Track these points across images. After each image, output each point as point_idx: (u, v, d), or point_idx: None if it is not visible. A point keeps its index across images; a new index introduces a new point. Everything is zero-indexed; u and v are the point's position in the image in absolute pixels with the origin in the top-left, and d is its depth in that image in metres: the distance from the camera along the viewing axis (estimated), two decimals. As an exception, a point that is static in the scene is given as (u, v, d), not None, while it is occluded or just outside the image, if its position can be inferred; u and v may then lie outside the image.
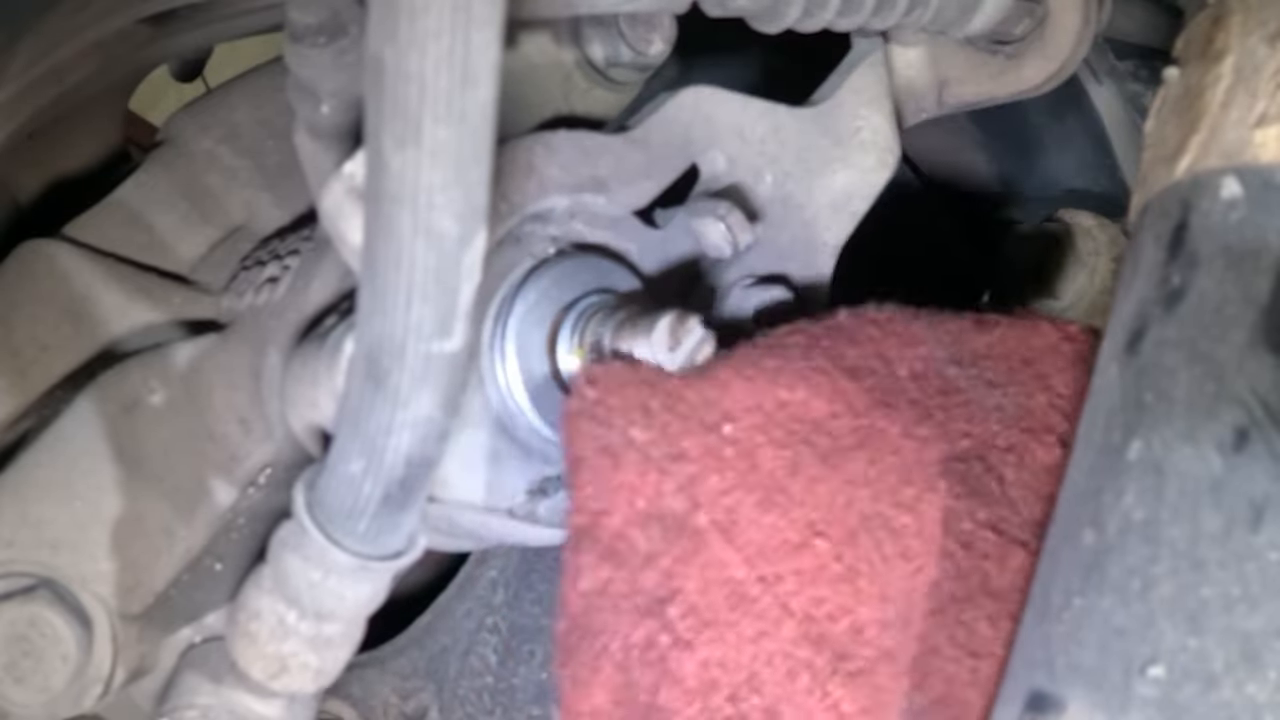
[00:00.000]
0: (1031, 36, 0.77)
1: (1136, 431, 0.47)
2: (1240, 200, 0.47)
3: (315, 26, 0.53)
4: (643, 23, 0.79)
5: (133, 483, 0.65)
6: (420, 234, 0.40)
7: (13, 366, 0.71)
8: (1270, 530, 0.42)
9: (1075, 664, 0.46)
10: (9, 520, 0.63)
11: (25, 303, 0.73)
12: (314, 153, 0.57)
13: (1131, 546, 0.45)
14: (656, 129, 0.67)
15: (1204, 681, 0.42)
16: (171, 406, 0.67)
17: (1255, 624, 0.42)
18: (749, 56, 1.03)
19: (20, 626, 0.61)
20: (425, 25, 0.37)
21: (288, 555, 0.52)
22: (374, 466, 0.46)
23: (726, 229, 0.66)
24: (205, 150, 0.78)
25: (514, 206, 0.60)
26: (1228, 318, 0.46)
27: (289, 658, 0.54)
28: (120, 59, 0.74)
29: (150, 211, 0.77)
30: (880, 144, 0.76)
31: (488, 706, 0.80)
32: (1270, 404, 0.43)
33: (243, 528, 0.67)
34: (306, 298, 0.64)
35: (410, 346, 0.43)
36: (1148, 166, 0.54)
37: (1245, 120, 0.48)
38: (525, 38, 0.78)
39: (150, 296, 0.74)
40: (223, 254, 0.77)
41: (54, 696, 0.62)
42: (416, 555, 0.53)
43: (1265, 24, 0.49)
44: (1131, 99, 0.95)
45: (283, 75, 0.56)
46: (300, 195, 0.77)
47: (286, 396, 0.62)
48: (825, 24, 0.68)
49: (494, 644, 0.81)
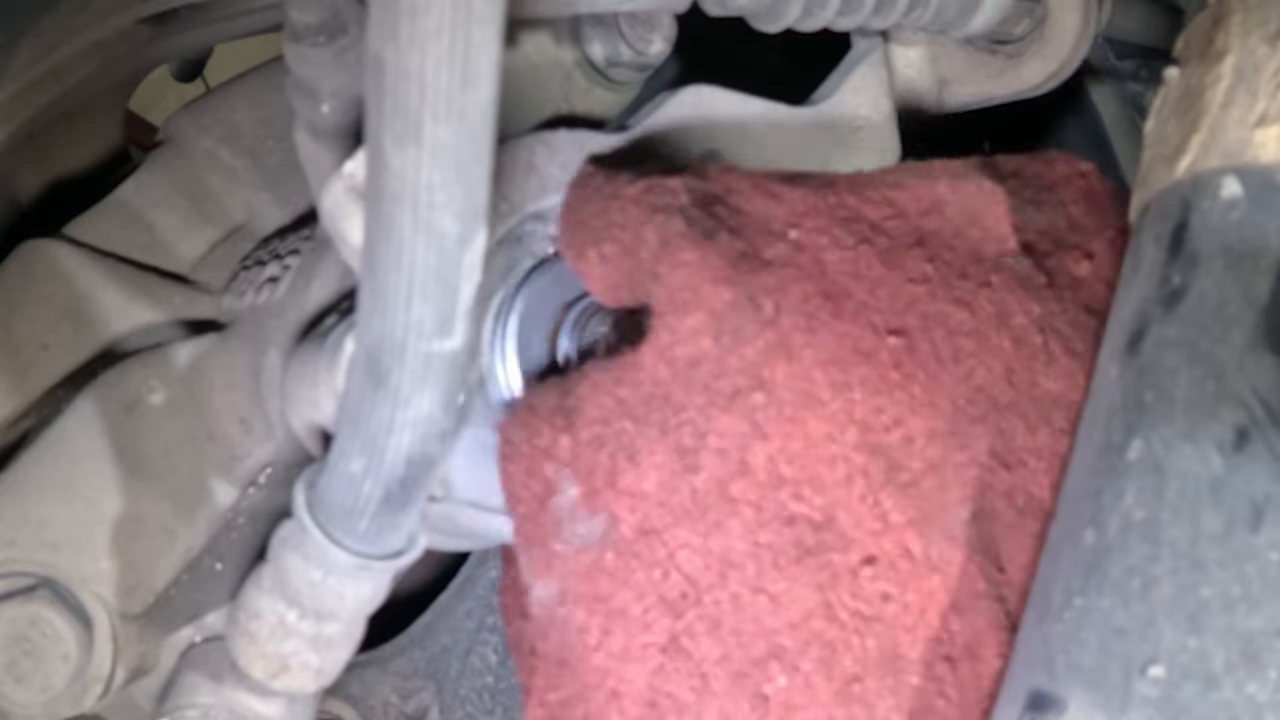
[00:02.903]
0: (1031, 36, 0.77)
1: (1137, 431, 0.47)
2: (1240, 200, 0.47)
3: (315, 26, 0.53)
4: (643, 22, 0.79)
5: (133, 482, 0.65)
6: (421, 233, 0.40)
7: (13, 366, 0.71)
8: (1270, 530, 0.42)
9: (1075, 664, 0.46)
10: (10, 520, 0.63)
11: (25, 302, 0.73)
12: (314, 152, 0.57)
13: (1132, 546, 0.45)
14: (656, 128, 0.67)
15: (1204, 681, 0.42)
16: (172, 406, 0.67)
17: (1255, 624, 0.42)
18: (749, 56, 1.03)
19: (21, 626, 0.61)
20: (426, 24, 0.37)
21: (288, 555, 0.52)
22: (374, 466, 0.46)
23: (727, 229, 0.66)
24: (205, 150, 0.78)
25: (514, 206, 0.60)
26: (1228, 318, 0.46)
27: (289, 657, 0.54)
28: (120, 59, 0.74)
29: (150, 211, 0.77)
30: (880, 143, 0.76)
31: (488, 706, 0.80)
32: (1270, 404, 0.43)
33: (243, 527, 0.67)
34: (307, 297, 0.64)
35: (411, 346, 0.43)
36: (1148, 166, 0.54)
37: (1246, 120, 0.48)
38: (525, 37, 0.78)
39: (150, 296, 0.74)
40: (223, 254, 0.77)
41: (54, 696, 0.62)
42: (417, 555, 0.53)
43: (1265, 24, 0.49)
44: (1131, 99, 0.95)
45: (283, 75, 0.56)
46: (300, 195, 0.77)
47: (287, 396, 0.62)
48: (825, 23, 0.68)
49: (494, 644, 0.81)
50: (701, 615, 0.52)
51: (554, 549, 0.53)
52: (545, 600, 0.54)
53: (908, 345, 0.56)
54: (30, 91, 0.71)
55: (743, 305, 0.53)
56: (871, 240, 0.58)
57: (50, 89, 0.72)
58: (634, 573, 0.52)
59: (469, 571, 0.82)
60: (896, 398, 0.55)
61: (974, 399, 0.57)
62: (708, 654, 0.51)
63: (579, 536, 0.53)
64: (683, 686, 0.52)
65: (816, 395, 0.53)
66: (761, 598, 0.51)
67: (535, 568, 0.54)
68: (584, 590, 0.53)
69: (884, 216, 0.60)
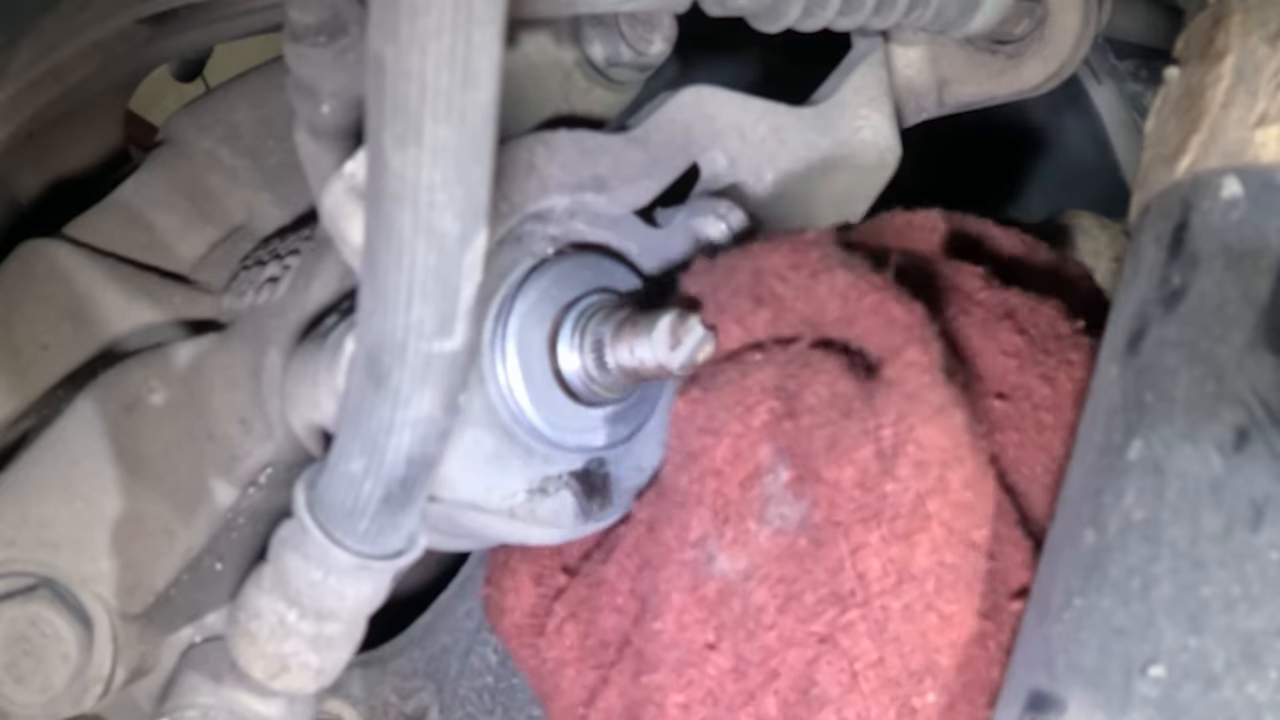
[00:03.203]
0: (1031, 36, 0.77)
1: (1137, 431, 0.47)
2: (1241, 200, 0.47)
3: (315, 26, 0.53)
4: (643, 22, 0.79)
5: (133, 482, 0.65)
6: (421, 233, 0.40)
7: (13, 366, 0.71)
8: (1271, 530, 0.42)
9: (1075, 664, 0.46)
10: (10, 520, 0.63)
11: (25, 302, 0.73)
12: (314, 152, 0.57)
13: (1132, 546, 0.45)
14: (657, 128, 0.67)
15: (1204, 681, 0.42)
16: (172, 406, 0.67)
17: (1256, 624, 0.42)
18: (749, 56, 1.03)
19: (21, 626, 0.61)
20: (426, 24, 0.37)
21: (288, 555, 0.52)
22: (375, 466, 0.46)
23: (727, 228, 0.66)
24: (205, 150, 0.78)
25: (514, 206, 0.60)
26: (1228, 318, 0.46)
27: (289, 657, 0.54)
28: (120, 59, 0.74)
29: (150, 211, 0.77)
30: (881, 143, 0.76)
31: (488, 706, 0.80)
32: (1270, 404, 0.43)
33: (243, 527, 0.67)
34: (307, 297, 0.64)
35: (411, 346, 0.43)
36: (1148, 166, 0.54)
37: (1246, 120, 0.48)
38: (526, 37, 0.78)
39: (151, 296, 0.74)
40: (223, 254, 0.77)
41: (54, 696, 0.62)
42: (417, 555, 0.53)
43: (1265, 24, 0.49)
44: (1131, 99, 0.95)
45: (283, 75, 0.56)
46: (300, 195, 0.77)
47: (287, 396, 0.62)
48: (825, 24, 0.68)
49: (495, 644, 0.81)
50: (865, 616, 0.52)
51: (749, 526, 0.55)
52: (729, 574, 0.55)
53: (1004, 410, 0.58)
54: (30, 91, 0.71)
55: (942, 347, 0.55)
56: (969, 312, 0.60)
57: (50, 89, 0.72)
58: (817, 561, 0.53)
59: (469, 571, 0.82)
60: (985, 499, 0.56)
61: (1049, 468, 0.58)
62: (863, 654, 0.52)
63: (780, 518, 0.54)
64: (831, 679, 0.52)
65: (978, 432, 0.55)
66: (933, 615, 0.52)
67: (724, 541, 0.55)
68: (772, 571, 0.54)
69: (978, 288, 0.61)
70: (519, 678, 0.80)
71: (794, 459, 0.55)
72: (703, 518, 0.56)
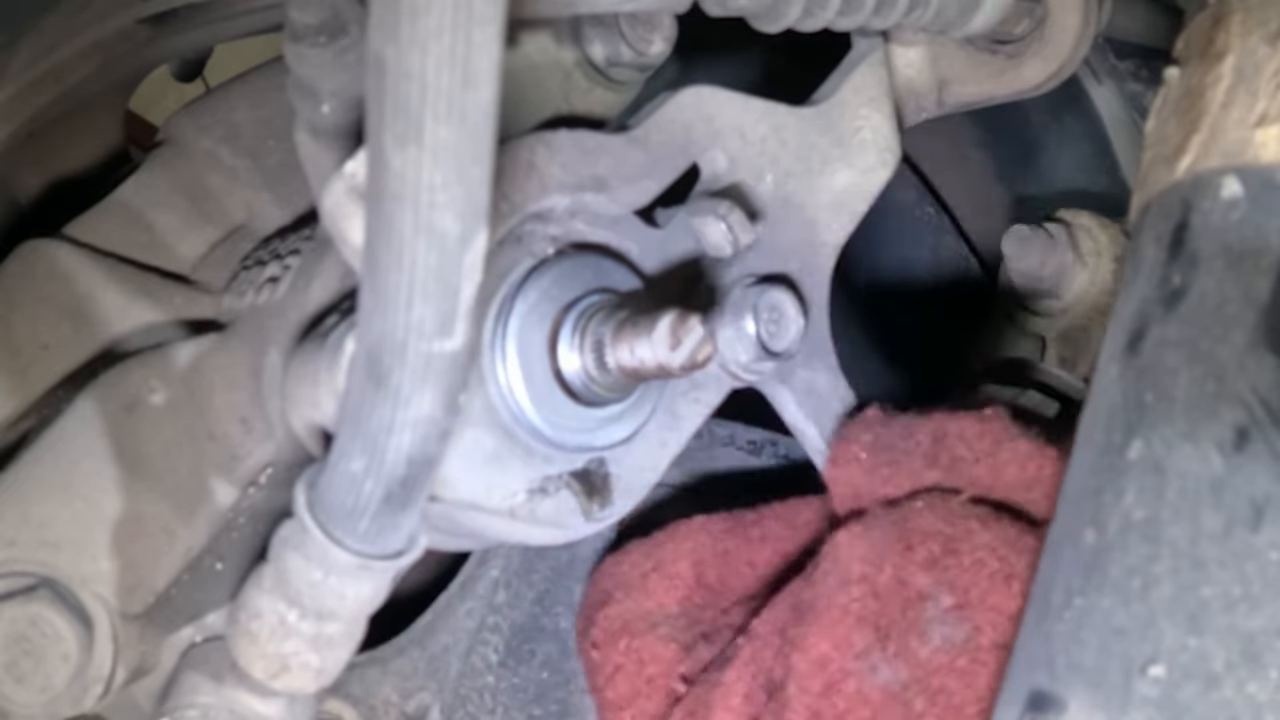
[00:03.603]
0: (1031, 36, 0.77)
1: (1137, 431, 0.47)
2: (1241, 200, 0.47)
3: (316, 26, 0.53)
4: (643, 22, 0.79)
5: (133, 482, 0.65)
6: (421, 233, 0.40)
7: (13, 366, 0.71)
8: (1270, 530, 0.42)
9: (1076, 664, 0.46)
10: (10, 520, 0.63)
11: (26, 302, 0.73)
12: (315, 152, 0.57)
13: (1132, 546, 0.45)
14: (657, 128, 0.67)
15: (1205, 681, 0.42)
16: (172, 406, 0.66)
17: (1256, 623, 0.42)
18: (749, 56, 1.03)
19: (21, 626, 0.61)
20: (426, 24, 0.37)
21: (289, 554, 0.52)
22: (375, 466, 0.46)
23: (727, 228, 0.66)
24: (205, 150, 0.78)
25: (515, 206, 0.60)
26: (1228, 318, 0.46)
27: (290, 657, 0.54)
28: (120, 59, 0.74)
29: (150, 211, 0.77)
30: (881, 143, 0.76)
31: (489, 706, 0.80)
32: (1270, 404, 0.43)
33: (243, 527, 0.67)
34: (307, 297, 0.64)
35: (411, 346, 0.43)
36: (1148, 166, 0.54)
37: (1246, 120, 0.48)
38: (526, 37, 0.78)
39: (151, 296, 0.74)
40: (223, 254, 0.77)
41: (55, 696, 0.62)
42: (417, 555, 0.53)
43: (1265, 24, 0.49)
44: (1131, 99, 0.95)
45: (283, 75, 0.56)
46: (301, 195, 0.77)
47: (287, 396, 0.62)
48: (825, 24, 0.68)
49: (495, 644, 0.81)
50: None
51: (911, 643, 0.60)
52: (890, 684, 0.60)
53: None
54: (30, 91, 0.71)
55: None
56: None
57: (50, 89, 0.72)
58: (980, 678, 0.58)
59: (469, 571, 0.82)
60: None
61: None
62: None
63: (942, 637, 0.59)
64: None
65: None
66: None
67: (887, 654, 0.60)
68: (933, 684, 0.59)
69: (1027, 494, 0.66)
70: (520, 677, 0.81)
71: (954, 590, 0.60)
72: (865, 634, 0.61)
